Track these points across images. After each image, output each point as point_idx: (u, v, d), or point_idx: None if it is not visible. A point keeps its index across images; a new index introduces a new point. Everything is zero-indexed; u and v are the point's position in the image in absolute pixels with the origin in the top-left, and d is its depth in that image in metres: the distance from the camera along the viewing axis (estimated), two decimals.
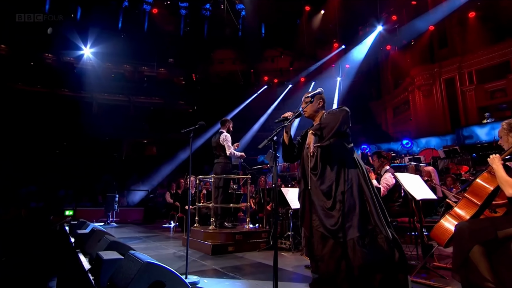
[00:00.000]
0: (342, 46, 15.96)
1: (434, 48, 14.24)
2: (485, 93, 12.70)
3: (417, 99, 14.93)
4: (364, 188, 2.20)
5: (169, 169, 14.77)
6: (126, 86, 18.70)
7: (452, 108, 13.53)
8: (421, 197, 3.24)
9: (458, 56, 13.22)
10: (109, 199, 9.35)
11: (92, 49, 16.02)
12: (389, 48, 15.08)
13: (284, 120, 2.30)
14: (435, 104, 14.12)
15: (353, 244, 2.09)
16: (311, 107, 2.48)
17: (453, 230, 2.40)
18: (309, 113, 2.51)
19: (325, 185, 2.24)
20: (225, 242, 4.54)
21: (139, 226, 8.98)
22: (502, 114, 11.74)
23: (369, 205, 2.15)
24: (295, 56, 18.81)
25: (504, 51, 11.81)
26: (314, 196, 2.28)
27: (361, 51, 15.02)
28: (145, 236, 6.44)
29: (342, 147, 2.31)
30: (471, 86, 13.02)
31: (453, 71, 13.46)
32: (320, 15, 15.58)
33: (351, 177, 2.22)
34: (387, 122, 17.99)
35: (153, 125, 18.05)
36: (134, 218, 10.47)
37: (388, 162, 4.41)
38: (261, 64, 19.91)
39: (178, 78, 20.59)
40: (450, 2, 12.16)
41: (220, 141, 5.08)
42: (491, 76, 12.41)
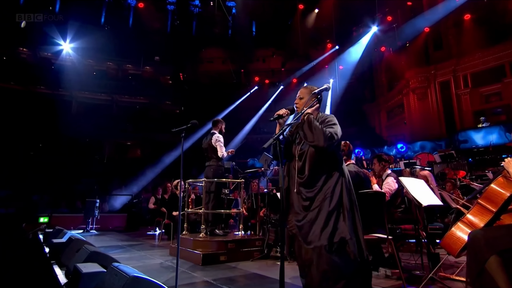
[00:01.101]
0: (336, 46, 16.09)
1: (429, 50, 14.50)
2: (480, 97, 12.99)
3: (411, 102, 15.15)
4: (344, 198, 2.21)
5: (154, 172, 14.52)
6: (108, 84, 18.27)
7: (447, 111, 13.78)
8: (427, 203, 3.17)
9: (453, 58, 13.51)
10: (89, 205, 9.04)
11: (72, 44, 15.56)
12: (383, 50, 15.26)
13: (278, 118, 2.25)
14: (430, 107, 14.35)
15: (319, 251, 2.12)
16: (307, 104, 2.38)
17: (466, 239, 2.32)
18: (302, 109, 2.39)
19: (311, 192, 2.24)
20: (217, 251, 4.38)
21: (122, 233, 8.68)
22: (497, 119, 12.02)
23: (344, 217, 2.16)
24: (288, 56, 18.85)
25: (499, 54, 12.12)
26: (295, 198, 2.29)
27: (356, 52, 15.16)
28: (129, 245, 6.19)
29: (334, 155, 2.29)
30: (466, 90, 13.29)
31: (448, 74, 13.73)
32: (314, 14, 15.67)
33: (332, 184, 2.22)
34: (381, 125, 18.19)
35: (138, 126, 17.72)
36: (116, 225, 10.15)
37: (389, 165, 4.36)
38: (252, 64, 19.88)
39: (164, 77, 20.31)
40: (445, 4, 12.42)
41: (212, 143, 4.94)
42: (486, 80, 12.71)
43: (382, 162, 4.42)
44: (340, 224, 2.15)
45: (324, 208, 2.16)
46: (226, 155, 4.93)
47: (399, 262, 3.14)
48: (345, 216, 2.16)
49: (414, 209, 3.93)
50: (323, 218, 2.14)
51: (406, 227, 3.88)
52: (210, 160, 5.01)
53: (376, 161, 4.46)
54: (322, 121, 2.25)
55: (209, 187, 4.88)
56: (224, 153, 4.91)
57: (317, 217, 2.16)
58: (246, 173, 5.80)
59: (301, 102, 2.38)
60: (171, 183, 7.29)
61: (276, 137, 1.87)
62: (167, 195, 7.27)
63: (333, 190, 2.19)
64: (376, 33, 14.53)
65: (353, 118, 16.83)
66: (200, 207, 5.43)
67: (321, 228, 2.13)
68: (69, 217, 9.70)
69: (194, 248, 4.44)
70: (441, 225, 4.64)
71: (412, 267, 3.65)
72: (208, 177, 4.85)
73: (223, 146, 4.99)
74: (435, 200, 3.38)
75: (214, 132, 5.11)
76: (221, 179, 4.96)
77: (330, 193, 2.18)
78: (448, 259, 3.79)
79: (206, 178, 4.80)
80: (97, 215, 9.12)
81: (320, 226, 2.14)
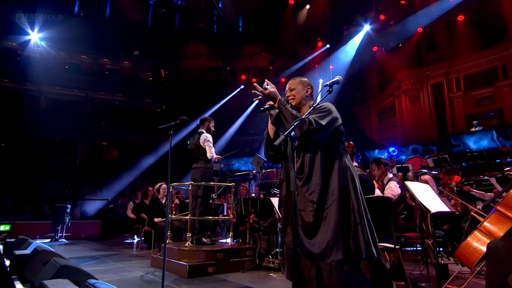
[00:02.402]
0: (327, 45, 16.17)
1: (422, 51, 14.81)
2: (473, 100, 13.35)
3: (403, 104, 15.41)
4: (353, 200, 1.99)
5: (133, 176, 14.13)
6: (83, 79, 17.61)
7: (440, 115, 14.08)
8: (436, 210, 3.09)
9: (446, 61, 13.83)
10: (58, 210, 8.63)
11: (41, 34, 14.79)
12: (376, 50, 15.46)
13: (270, 108, 2.09)
14: (422, 110, 14.63)
15: (330, 269, 1.89)
16: (299, 93, 2.25)
17: (484, 250, 2.24)
18: (297, 100, 2.25)
19: (311, 191, 2.01)
20: (204, 261, 4.18)
21: (96, 242, 8.30)
22: (489, 123, 12.37)
23: (355, 223, 1.95)
24: (276, 54, 18.80)
25: (492, 57, 12.51)
26: (296, 205, 1.99)
27: (347, 51, 15.28)
28: (104, 255, 5.87)
29: (334, 148, 2.09)
30: (458, 93, 13.64)
31: (441, 76, 14.05)
32: (305, 10, 15.69)
33: (339, 186, 2.01)
34: (371, 128, 18.41)
35: (114, 125, 17.18)
36: (89, 232, 9.71)
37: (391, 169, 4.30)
38: (238, 61, 19.71)
39: (144, 73, 19.82)
40: (439, 4, 12.70)
41: (200, 143, 4.75)
42: (478, 83, 13.09)
43: (381, 166, 4.36)
44: (353, 234, 1.93)
45: (332, 214, 1.93)
46: (215, 157, 4.74)
47: (405, 273, 3.04)
48: (357, 224, 1.94)
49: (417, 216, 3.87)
50: (331, 228, 1.91)
51: (409, 235, 3.81)
52: (197, 161, 4.81)
53: (374, 166, 4.40)
54: (314, 109, 2.06)
55: (196, 191, 4.68)
56: (214, 155, 4.72)
57: (324, 226, 1.94)
58: (235, 176, 5.61)
59: (294, 93, 2.24)
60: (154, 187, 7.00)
61: (288, 133, 1.70)
62: (147, 200, 6.99)
63: (340, 191, 1.98)
64: (368, 32, 14.70)
65: (343, 121, 16.92)
66: (185, 213, 5.20)
67: (330, 240, 1.90)
68: (34, 225, 9.19)
69: (179, 258, 4.22)
70: (441, 233, 4.62)
71: (417, 278, 3.57)
72: (195, 180, 4.64)
73: (212, 146, 4.80)
74: (443, 207, 3.31)
75: (201, 131, 4.92)
76: (210, 183, 4.75)
77: (337, 195, 1.96)
78: (450, 269, 3.74)
79: (193, 181, 4.59)
80: (68, 222, 8.73)
81: (328, 238, 1.90)
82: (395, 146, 13.96)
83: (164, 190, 6.19)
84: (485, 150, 9.94)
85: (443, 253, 4.91)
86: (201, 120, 4.98)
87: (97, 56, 18.38)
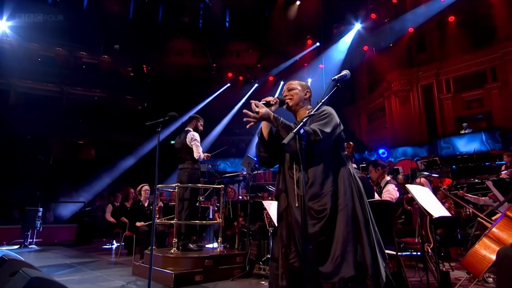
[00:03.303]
0: (317, 43, 16.23)
1: (413, 52, 15.07)
2: (462, 103, 13.68)
3: (393, 105, 15.64)
4: (358, 210, 1.92)
5: (112, 176, 13.76)
6: (58, 73, 16.98)
7: (429, 116, 14.36)
8: (438, 215, 3.05)
9: (436, 61, 14.13)
10: (29, 214, 8.25)
11: (10, 23, 14.02)
12: (366, 49, 15.62)
13: (267, 106, 2.03)
14: (412, 111, 14.89)
15: (332, 287, 1.83)
16: (297, 94, 2.18)
17: (493, 258, 2.19)
18: (295, 101, 2.18)
19: (313, 202, 1.92)
20: (192, 269, 4.02)
21: (71, 248, 7.94)
22: (478, 125, 12.69)
23: (361, 234, 1.87)
24: (265, 51, 18.75)
25: (481, 59, 12.85)
26: (298, 217, 1.93)
27: (338, 50, 15.37)
28: (79, 263, 5.60)
29: (337, 155, 2.02)
30: (448, 95, 13.94)
31: (431, 77, 14.34)
32: (295, 6, 15.69)
33: (345, 195, 1.93)
34: (360, 129, 18.62)
35: (92, 123, 16.65)
36: (64, 238, 9.33)
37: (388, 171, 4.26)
38: (225, 58, 19.54)
39: (125, 69, 19.39)
40: (431, 4, 12.94)
41: (187, 142, 4.59)
42: (468, 85, 13.42)
43: (379, 168, 4.33)
44: (358, 246, 1.84)
45: (339, 227, 1.84)
46: (203, 157, 4.59)
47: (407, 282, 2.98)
48: (362, 235, 1.85)
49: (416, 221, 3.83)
50: (340, 242, 1.81)
51: (408, 240, 3.77)
52: (184, 162, 4.66)
53: (371, 168, 4.37)
54: (316, 115, 1.99)
55: (183, 193, 4.51)
56: (201, 154, 4.57)
57: (331, 240, 1.84)
58: (224, 177, 5.47)
59: (293, 93, 2.17)
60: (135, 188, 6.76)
61: (297, 130, 1.58)
62: (128, 203, 6.73)
63: (346, 202, 1.90)
64: (359, 31, 14.83)
65: None
66: (170, 216, 5.02)
67: (338, 256, 1.80)
68: (1, 230, 8.74)
69: (164, 266, 4.04)
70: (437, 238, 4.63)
71: (417, 285, 3.53)
72: (182, 181, 4.48)
73: (200, 146, 4.65)
74: (444, 211, 3.28)
75: (189, 129, 4.77)
76: (197, 184, 4.60)
77: (343, 204, 1.88)
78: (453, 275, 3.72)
79: (180, 182, 4.43)
80: (39, 226, 8.32)
81: (337, 254, 1.81)
82: (385, 147, 14.13)
83: (146, 192, 5.97)
84: (475, 153, 10.16)
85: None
86: (189, 118, 4.84)
87: (74, 48, 17.79)
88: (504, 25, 12.26)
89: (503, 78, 12.33)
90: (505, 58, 12.16)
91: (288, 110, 2.22)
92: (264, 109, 1.93)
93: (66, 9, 15.14)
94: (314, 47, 16.50)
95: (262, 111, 1.91)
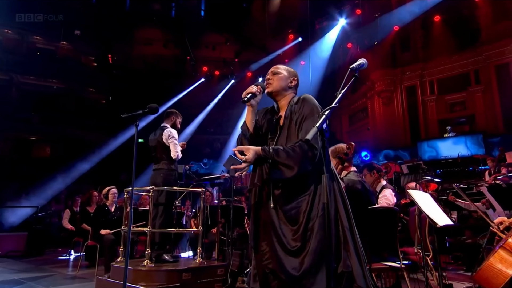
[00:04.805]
0: (299, 38, 16.28)
1: (397, 51, 15.47)
2: (446, 105, 14.20)
3: (376, 106, 15.97)
4: (341, 214, 1.89)
5: (70, 178, 13.15)
6: (6, 59, 15.90)
7: (412, 119, 14.80)
8: (443, 223, 3.00)
9: (420, 62, 14.58)
10: None
11: None
12: (350, 46, 15.85)
13: (252, 98, 2.01)
14: (395, 113, 15.26)
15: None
16: (280, 80, 2.11)
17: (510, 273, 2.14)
18: (275, 88, 2.11)
19: (291, 204, 1.87)
20: (167, 284, 3.76)
21: (19, 261, 7.35)
22: (461, 129, 13.21)
23: (346, 241, 1.84)
24: (243, 45, 18.60)
25: (465, 61, 13.39)
26: (273, 218, 1.91)
27: (321, 47, 15.49)
28: (30, 278, 5.14)
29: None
30: (432, 97, 14.42)
31: (415, 78, 14.78)
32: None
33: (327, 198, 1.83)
34: (342, 130, 18.91)
35: (47, 117, 15.85)
36: (10, 248, 8.60)
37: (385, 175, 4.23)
38: (199, 51, 19.21)
39: (87, 58, 18.58)
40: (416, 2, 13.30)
41: (163, 140, 4.35)
42: (451, 87, 13.94)
43: (374, 172, 4.30)
44: (344, 254, 1.80)
45: (317, 233, 1.78)
46: (180, 156, 4.36)
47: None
48: (347, 242, 1.82)
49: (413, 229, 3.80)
50: (314, 250, 1.76)
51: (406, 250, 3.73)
52: (159, 162, 4.41)
53: (366, 171, 4.34)
54: (298, 116, 1.96)
55: (157, 197, 4.25)
56: (179, 154, 4.34)
57: (307, 247, 1.78)
58: (203, 179, 5.25)
59: (276, 78, 2.10)
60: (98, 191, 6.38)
61: (320, 124, 1.45)
62: (91, 208, 6.35)
63: (327, 205, 1.79)
64: (344, 27, 15.01)
65: None
66: (141, 223, 4.74)
67: (312, 265, 1.75)
68: None
69: (135, 281, 3.75)
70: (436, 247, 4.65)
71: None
72: (156, 184, 4.21)
73: (178, 144, 4.41)
74: (447, 219, 3.25)
75: (165, 126, 4.53)
76: (174, 187, 4.35)
77: (323, 208, 1.79)
78: None
79: (154, 185, 4.16)
80: None
81: (314, 260, 1.75)
82: (367, 150, 14.38)
83: (114, 196, 5.63)
84: (460, 158, 10.52)
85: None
86: (166, 113, 4.60)
87: (26, 32, 16.75)
88: (488, 27, 12.84)
89: (486, 81, 12.90)
90: (489, 61, 12.72)
91: (269, 96, 2.15)
92: (250, 152, 1.83)
93: None
94: (295, 42, 16.54)
95: (249, 155, 1.83)
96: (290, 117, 2.03)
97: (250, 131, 2.07)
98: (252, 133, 2.07)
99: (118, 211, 5.59)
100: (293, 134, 1.98)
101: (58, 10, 15.57)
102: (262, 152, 1.84)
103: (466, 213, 6.49)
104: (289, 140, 1.98)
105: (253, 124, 2.08)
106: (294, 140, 1.94)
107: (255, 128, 2.09)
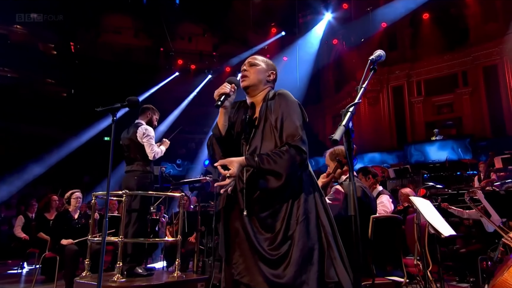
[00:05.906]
0: (282, 32, 16.28)
1: (384, 49, 15.70)
2: (433, 107, 14.60)
3: (361, 107, 16.19)
4: (323, 220, 1.87)
5: (23, 180, 12.65)
6: None
7: (399, 120, 15.13)
8: (448, 234, 2.98)
9: (408, 62, 14.93)
10: None
11: None
12: (335, 43, 16.01)
13: (226, 98, 1.94)
14: (381, 114, 15.56)
15: None
16: (258, 73, 2.06)
17: None
18: (252, 81, 2.05)
19: (267, 211, 1.84)
20: None
21: None
22: (448, 132, 13.60)
23: (330, 248, 1.82)
24: (222, 38, 18.42)
25: (453, 62, 13.82)
26: (247, 226, 1.85)
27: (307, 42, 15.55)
28: None
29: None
30: (419, 98, 14.80)
31: (402, 78, 15.12)
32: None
33: (307, 202, 1.86)
34: (325, 131, 19.07)
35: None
36: None
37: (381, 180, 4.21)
38: (174, 42, 18.85)
39: (46, 45, 17.85)
40: None
41: (138, 138, 4.15)
42: (439, 89, 14.37)
43: (369, 176, 4.29)
44: (328, 263, 1.77)
45: (300, 238, 1.75)
46: (160, 154, 4.17)
47: None
48: (331, 248, 1.80)
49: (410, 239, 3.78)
50: (299, 257, 1.72)
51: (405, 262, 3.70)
52: (132, 163, 4.20)
53: (361, 176, 4.32)
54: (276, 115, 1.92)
55: (131, 203, 4.03)
56: (157, 151, 4.15)
57: (292, 255, 1.74)
58: (182, 183, 5.07)
59: (253, 71, 2.04)
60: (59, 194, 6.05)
61: (346, 123, 1.36)
62: (50, 214, 6.01)
63: (306, 209, 1.82)
64: (330, 21, 15.13)
65: None
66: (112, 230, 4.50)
67: (300, 274, 1.71)
68: None
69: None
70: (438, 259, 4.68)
71: None
72: (129, 188, 4.00)
73: (155, 144, 4.21)
74: (451, 229, 3.24)
75: (140, 122, 4.34)
76: (149, 192, 4.15)
77: (303, 214, 1.79)
78: None
79: (127, 189, 3.95)
80: None
81: (297, 272, 1.71)
82: None
83: (77, 201, 5.32)
84: (448, 162, 10.81)
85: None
86: (142, 108, 4.42)
87: None
88: (477, 27, 13.31)
89: (474, 83, 13.37)
90: (476, 63, 13.19)
91: (244, 90, 2.07)
92: (234, 165, 1.78)
93: None
94: (278, 36, 16.53)
95: (233, 169, 1.78)
96: (265, 115, 1.98)
97: (222, 132, 2.02)
98: (224, 136, 2.02)
99: (82, 218, 5.31)
100: (268, 135, 1.94)
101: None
102: (246, 162, 1.81)
103: (457, 221, 6.62)
104: (264, 141, 1.93)
105: (226, 127, 2.02)
106: (268, 141, 1.90)
107: (228, 130, 2.04)
